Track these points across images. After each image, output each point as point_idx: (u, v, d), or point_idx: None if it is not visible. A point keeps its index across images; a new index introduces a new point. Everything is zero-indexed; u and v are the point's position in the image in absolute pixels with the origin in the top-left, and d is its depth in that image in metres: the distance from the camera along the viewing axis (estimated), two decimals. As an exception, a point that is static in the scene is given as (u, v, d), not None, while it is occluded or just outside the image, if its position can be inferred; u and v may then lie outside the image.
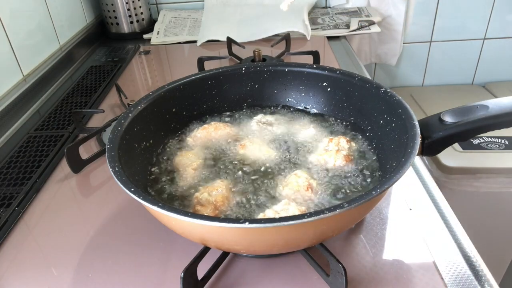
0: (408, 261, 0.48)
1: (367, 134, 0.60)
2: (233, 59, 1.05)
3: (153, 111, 0.59)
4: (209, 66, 0.93)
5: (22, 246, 0.54)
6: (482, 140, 1.15)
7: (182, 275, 0.42)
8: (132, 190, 0.41)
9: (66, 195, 0.63)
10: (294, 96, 0.68)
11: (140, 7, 1.31)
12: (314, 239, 0.43)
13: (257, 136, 0.62)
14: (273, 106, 0.69)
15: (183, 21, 1.35)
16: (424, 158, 1.14)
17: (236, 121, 0.67)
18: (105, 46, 1.27)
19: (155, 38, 1.26)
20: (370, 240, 0.51)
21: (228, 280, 0.47)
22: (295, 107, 0.69)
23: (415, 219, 0.54)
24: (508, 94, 1.40)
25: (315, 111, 0.67)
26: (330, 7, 1.42)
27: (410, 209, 0.56)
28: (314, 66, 0.65)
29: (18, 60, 0.91)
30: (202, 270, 0.45)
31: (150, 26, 1.34)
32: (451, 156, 1.10)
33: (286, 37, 1.09)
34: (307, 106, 0.68)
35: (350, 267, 0.47)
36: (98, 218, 0.57)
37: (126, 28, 1.31)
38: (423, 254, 0.49)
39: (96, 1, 1.32)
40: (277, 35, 1.16)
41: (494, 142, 1.14)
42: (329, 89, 0.65)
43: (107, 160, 0.46)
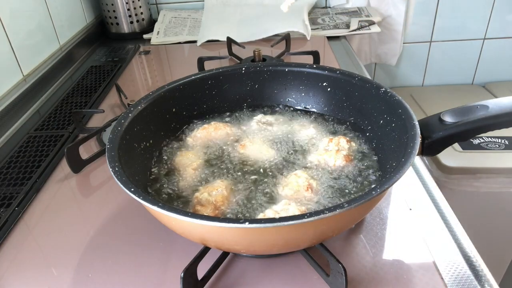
0: (408, 261, 0.48)
1: (367, 134, 0.60)
2: (233, 59, 1.05)
3: (153, 111, 0.59)
4: (209, 66, 0.93)
5: (22, 246, 0.54)
6: (482, 140, 1.15)
7: (182, 275, 0.42)
8: (132, 190, 0.41)
9: (66, 195, 0.63)
10: (294, 96, 0.68)
11: (140, 7, 1.31)
12: (314, 239, 0.43)
13: (257, 136, 0.62)
14: (273, 106, 0.69)
15: (183, 21, 1.35)
16: (424, 158, 1.14)
17: (236, 121, 0.67)
18: (105, 46, 1.27)
19: (155, 38, 1.26)
20: (370, 240, 0.51)
21: (228, 280, 0.47)
22: (295, 107, 0.69)
23: (415, 219, 0.54)
24: (508, 94, 1.40)
25: (315, 111, 0.67)
26: (330, 7, 1.42)
27: (410, 209, 0.56)
28: (314, 66, 0.65)
29: (18, 60, 0.91)
30: (202, 270, 0.45)
31: (150, 26, 1.34)
32: (451, 156, 1.10)
33: (286, 37, 1.09)
34: (307, 106, 0.68)
35: (350, 267, 0.47)
36: (98, 218, 0.57)
37: (126, 28, 1.31)
38: (423, 254, 0.49)
39: (96, 1, 1.32)
40: (277, 35, 1.16)
41: (494, 142, 1.14)
42: (329, 89, 0.65)
43: (107, 160, 0.46)
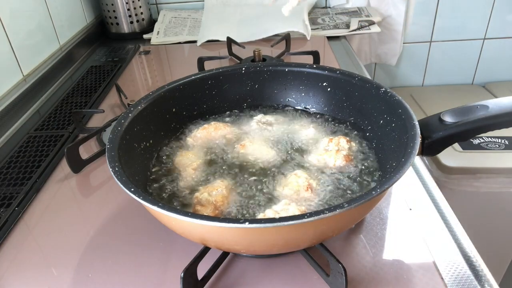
0: (408, 261, 0.48)
1: (367, 134, 0.60)
2: (233, 59, 1.05)
3: (153, 111, 0.59)
4: (209, 66, 0.93)
5: (22, 246, 0.54)
6: (482, 140, 1.15)
7: (182, 275, 0.42)
8: (132, 190, 0.41)
9: (66, 195, 0.63)
10: (294, 96, 0.68)
11: (140, 7, 1.31)
12: (314, 239, 0.43)
13: (257, 136, 0.62)
14: (273, 106, 0.69)
15: (183, 21, 1.35)
16: (424, 158, 1.14)
17: (236, 121, 0.67)
18: (105, 46, 1.27)
19: (155, 38, 1.26)
20: (370, 240, 0.51)
21: (228, 280, 0.47)
22: (295, 107, 0.69)
23: (415, 219, 0.54)
24: (508, 94, 1.40)
25: (315, 111, 0.67)
26: (330, 7, 1.42)
27: (410, 209, 0.56)
28: (314, 66, 0.65)
29: (18, 60, 0.91)
30: (202, 270, 0.45)
31: (150, 26, 1.34)
32: (451, 156, 1.10)
33: (286, 37, 1.09)
34: (307, 106, 0.68)
35: (350, 267, 0.47)
36: (98, 218, 0.57)
37: (126, 28, 1.31)
38: (423, 254, 0.49)
39: (96, 1, 1.32)
40: (277, 35, 1.16)
41: (494, 142, 1.14)
42: (329, 89, 0.65)
43: (107, 160, 0.46)
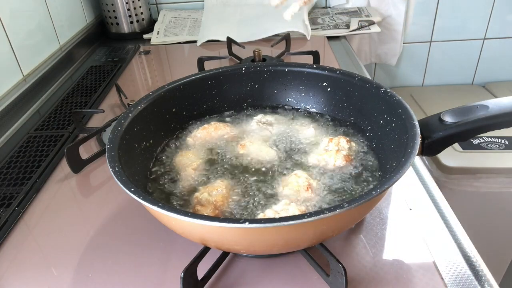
0: (408, 261, 0.48)
1: (367, 134, 0.60)
2: (233, 59, 1.05)
3: (153, 111, 0.59)
4: (209, 66, 0.93)
5: (22, 246, 0.54)
6: (482, 140, 1.15)
7: (182, 275, 0.42)
8: (132, 190, 0.41)
9: (66, 195, 0.63)
10: (294, 96, 0.68)
11: (140, 7, 1.31)
12: (314, 239, 0.43)
13: (257, 136, 0.62)
14: (273, 106, 0.69)
15: (183, 21, 1.35)
16: (424, 158, 1.14)
17: (236, 121, 0.67)
18: (105, 46, 1.27)
19: (155, 38, 1.26)
20: (370, 240, 0.51)
21: (228, 280, 0.47)
22: (295, 107, 0.69)
23: (415, 219, 0.54)
24: (508, 94, 1.40)
25: (315, 111, 0.67)
26: (330, 7, 1.42)
27: (410, 209, 0.56)
28: (314, 66, 0.65)
29: (18, 60, 0.91)
30: (202, 270, 0.45)
31: (150, 26, 1.34)
32: (451, 156, 1.10)
33: (286, 37, 1.09)
34: (307, 106, 0.68)
35: (350, 267, 0.47)
36: (98, 218, 0.57)
37: (126, 28, 1.31)
38: (423, 254, 0.49)
39: (96, 1, 1.32)
40: (277, 35, 1.16)
41: (494, 142, 1.14)
42: (329, 89, 0.65)
43: (107, 160, 0.46)
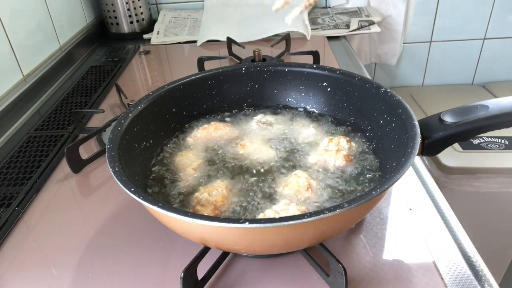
0: (408, 261, 0.48)
1: (367, 134, 0.60)
2: (233, 59, 1.05)
3: (153, 111, 0.59)
4: (209, 66, 0.93)
5: (22, 246, 0.54)
6: (482, 140, 1.15)
7: (182, 275, 0.42)
8: (132, 190, 0.41)
9: (66, 195, 0.63)
10: (294, 96, 0.68)
11: (140, 7, 1.31)
12: (314, 239, 0.43)
13: (257, 136, 0.62)
14: (273, 106, 0.69)
15: (183, 21, 1.35)
16: (424, 158, 1.14)
17: (236, 121, 0.67)
18: (105, 46, 1.27)
19: (155, 38, 1.26)
20: (370, 240, 0.51)
21: (228, 280, 0.47)
22: (295, 107, 0.69)
23: (415, 219, 0.54)
24: (508, 94, 1.40)
25: (315, 111, 0.67)
26: (330, 7, 1.43)
27: (410, 209, 0.56)
28: (314, 66, 0.65)
29: (18, 60, 0.91)
30: (202, 270, 0.45)
31: (150, 26, 1.34)
32: (451, 156, 1.10)
33: (286, 37, 1.09)
34: (307, 106, 0.68)
35: (350, 267, 0.47)
36: (98, 218, 0.57)
37: (126, 28, 1.31)
38: (423, 254, 0.49)
39: (96, 1, 1.32)
40: (277, 35, 1.16)
41: (494, 142, 1.14)
42: (329, 89, 0.65)
43: (107, 160, 0.46)
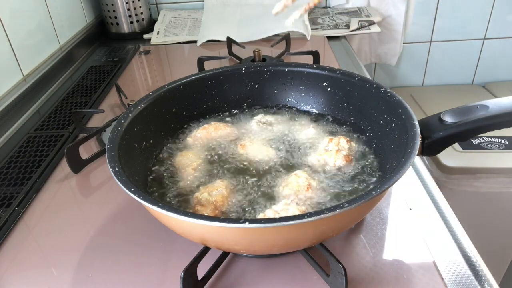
0: (408, 261, 0.48)
1: (367, 134, 0.60)
2: (233, 59, 1.05)
3: (153, 111, 0.59)
4: (209, 66, 0.93)
5: (22, 246, 0.54)
6: (482, 140, 1.15)
7: (182, 275, 0.42)
8: (132, 190, 0.41)
9: (66, 195, 0.63)
10: (294, 96, 0.68)
11: (140, 7, 1.31)
12: (314, 239, 0.43)
13: (257, 136, 0.62)
14: (273, 106, 0.69)
15: (183, 21, 1.35)
16: (424, 158, 1.14)
17: (236, 121, 0.67)
18: (105, 46, 1.27)
19: (155, 38, 1.26)
20: (370, 240, 0.51)
21: (228, 280, 0.47)
22: (295, 107, 0.69)
23: (415, 219, 0.54)
24: (508, 94, 1.40)
25: (315, 111, 0.67)
26: (330, 7, 1.42)
27: (410, 209, 0.56)
28: (314, 66, 0.65)
29: (18, 60, 0.91)
30: (202, 270, 0.45)
31: (150, 26, 1.34)
32: (451, 156, 1.10)
33: (286, 37, 1.09)
34: (307, 106, 0.68)
35: (350, 267, 0.47)
36: (98, 218, 0.57)
37: (126, 28, 1.31)
38: (423, 254, 0.49)
39: (96, 1, 1.32)
40: (277, 35, 1.16)
41: (494, 142, 1.14)
42: (329, 89, 0.65)
43: (107, 160, 0.46)
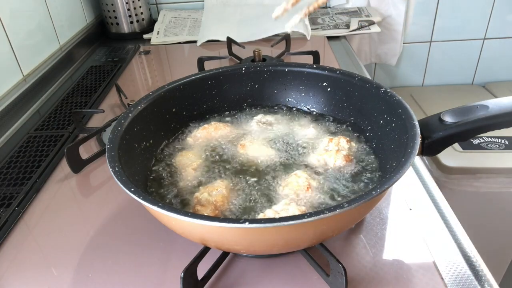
0: (408, 261, 0.48)
1: (367, 134, 0.60)
2: (233, 59, 1.05)
3: (153, 111, 0.59)
4: (209, 66, 0.93)
5: (22, 246, 0.54)
6: (482, 140, 1.15)
7: (182, 275, 0.42)
8: (132, 190, 0.41)
9: (66, 195, 0.63)
10: (294, 96, 0.68)
11: (140, 7, 1.31)
12: (314, 239, 0.43)
13: (257, 136, 0.62)
14: (273, 106, 0.69)
15: (183, 21, 1.35)
16: (424, 158, 1.14)
17: (236, 121, 0.67)
18: (105, 46, 1.27)
19: (155, 38, 1.26)
20: (370, 240, 0.51)
21: (228, 280, 0.47)
22: (295, 107, 0.69)
23: (415, 219, 0.54)
24: (508, 94, 1.40)
25: (315, 111, 0.67)
26: (330, 7, 1.42)
27: (410, 209, 0.56)
28: (314, 66, 0.65)
29: (18, 60, 0.91)
30: (202, 270, 0.45)
31: (150, 26, 1.34)
32: (451, 156, 1.10)
33: (286, 37, 1.09)
34: (307, 106, 0.68)
35: (350, 267, 0.47)
36: (98, 218, 0.57)
37: (126, 28, 1.31)
38: (423, 254, 0.49)
39: (96, 1, 1.32)
40: (277, 35, 1.16)
41: (494, 142, 1.14)
42: (329, 89, 0.65)
43: (107, 160, 0.46)
